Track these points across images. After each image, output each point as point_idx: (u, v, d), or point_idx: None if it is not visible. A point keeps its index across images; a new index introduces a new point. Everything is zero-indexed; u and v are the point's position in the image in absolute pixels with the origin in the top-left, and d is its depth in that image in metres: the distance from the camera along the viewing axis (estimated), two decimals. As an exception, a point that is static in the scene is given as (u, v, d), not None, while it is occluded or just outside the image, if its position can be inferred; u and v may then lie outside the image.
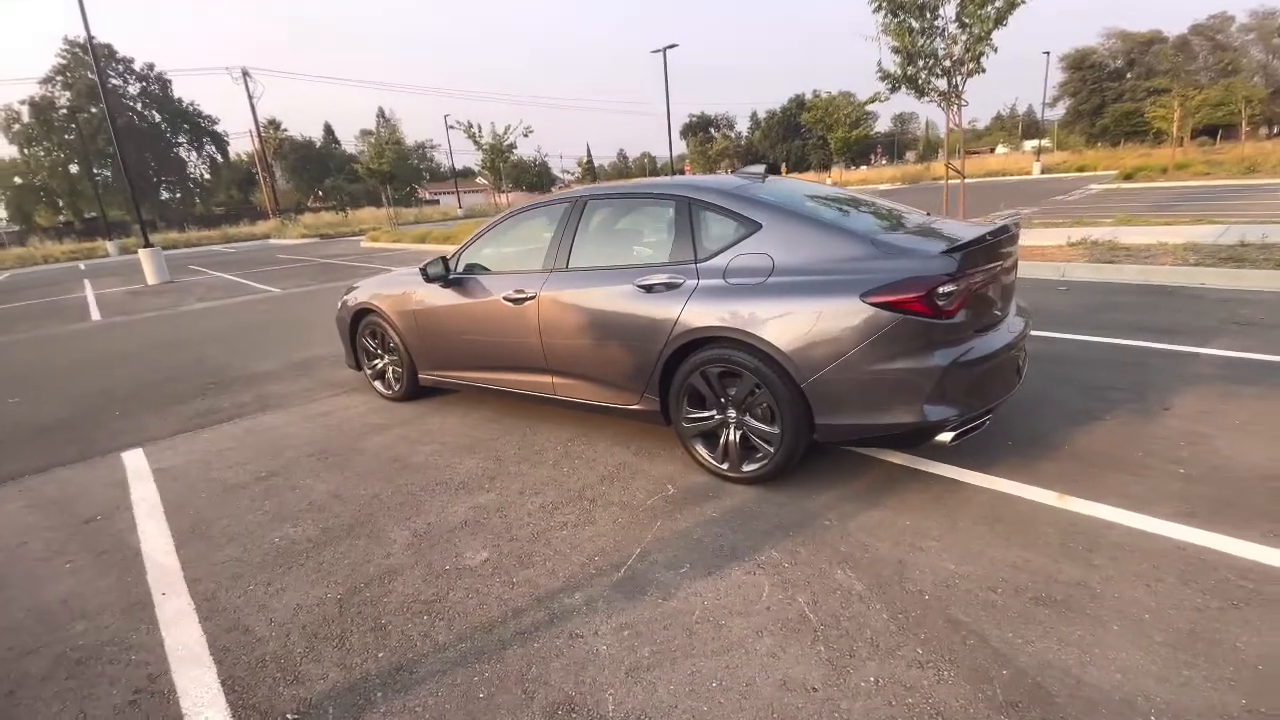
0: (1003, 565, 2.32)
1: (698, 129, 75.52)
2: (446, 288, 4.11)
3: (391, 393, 4.78)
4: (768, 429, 2.93)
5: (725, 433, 3.08)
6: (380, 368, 4.85)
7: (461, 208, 48.15)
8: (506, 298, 3.72)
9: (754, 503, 2.91)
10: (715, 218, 3.15)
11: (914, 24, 9.62)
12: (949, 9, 9.40)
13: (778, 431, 2.89)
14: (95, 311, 11.47)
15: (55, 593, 2.64)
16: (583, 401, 3.61)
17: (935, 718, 1.71)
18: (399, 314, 4.46)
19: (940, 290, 2.55)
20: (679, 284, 3.07)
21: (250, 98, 36.96)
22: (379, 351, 4.83)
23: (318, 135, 67.70)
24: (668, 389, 3.22)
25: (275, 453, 3.96)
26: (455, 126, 26.48)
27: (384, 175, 29.15)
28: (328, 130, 68.96)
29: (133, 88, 56.49)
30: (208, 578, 2.67)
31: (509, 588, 2.43)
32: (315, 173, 63.00)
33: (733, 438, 3.06)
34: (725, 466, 3.10)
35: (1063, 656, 1.88)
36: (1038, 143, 52.21)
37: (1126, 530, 2.47)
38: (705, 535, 2.68)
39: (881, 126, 76.73)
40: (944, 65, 9.79)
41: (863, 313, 2.61)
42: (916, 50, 9.76)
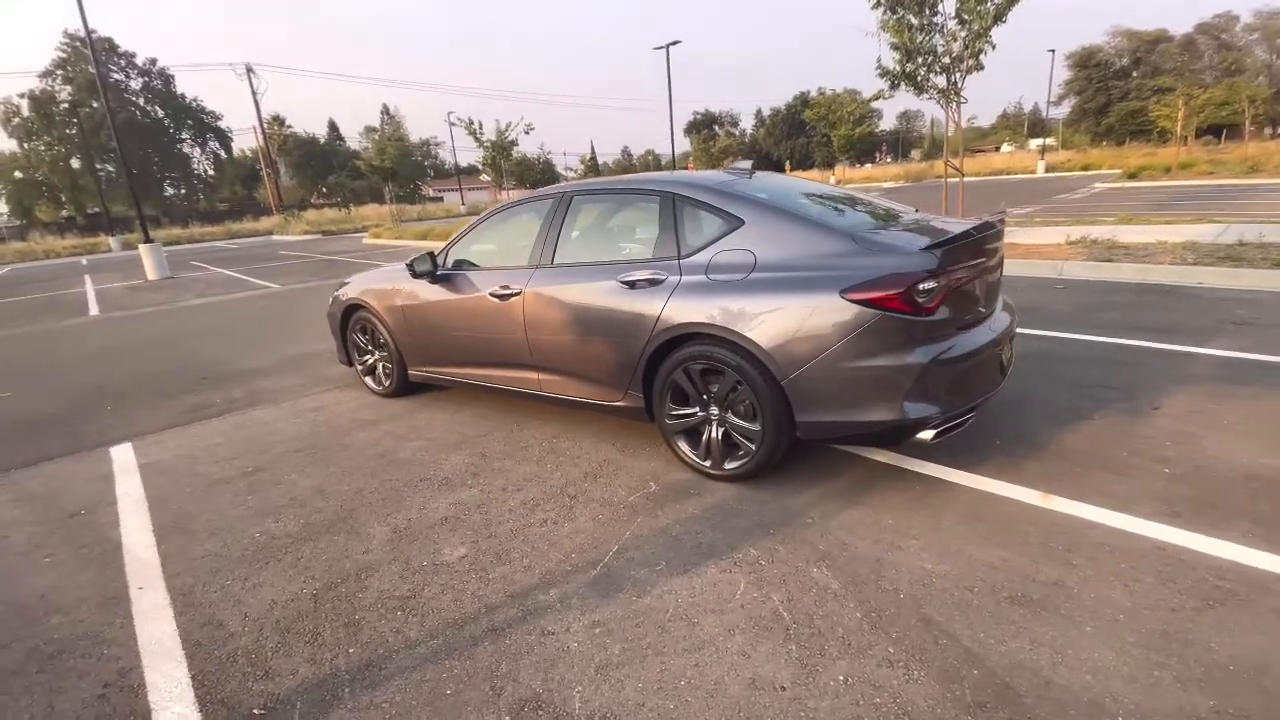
0: (981, 565, 2.31)
1: (702, 126, 75.34)
2: (434, 283, 4.09)
3: (382, 389, 4.78)
4: (750, 426, 2.92)
5: (708, 430, 3.07)
6: (371, 363, 4.84)
7: (464, 205, 48.08)
8: (493, 294, 3.71)
9: (736, 500, 2.90)
10: (699, 213, 3.14)
11: (913, 20, 9.57)
12: (948, 5, 9.37)
13: (759, 429, 2.87)
14: (94, 306, 11.49)
15: (34, 587, 2.64)
16: (568, 398, 3.59)
17: (902, 717, 1.70)
18: (388, 309, 4.45)
19: (920, 287, 2.53)
20: (662, 280, 3.06)
21: (254, 93, 36.96)
22: (369, 347, 4.82)
23: (322, 132, 67.81)
24: (651, 385, 3.21)
25: (263, 448, 3.96)
26: (457, 124, 26.49)
27: (386, 172, 29.23)
28: (332, 127, 69.02)
29: (135, 83, 56.19)
30: (186, 572, 2.66)
31: (484, 584, 2.42)
32: (319, 169, 62.97)
33: (715, 435, 3.04)
34: (708, 464, 3.09)
35: (1034, 657, 1.87)
36: (1043, 141, 51.93)
37: (1108, 530, 2.46)
38: (684, 532, 2.67)
39: (887, 124, 76.57)
40: (943, 62, 9.74)
41: (843, 309, 2.60)
42: (915, 47, 9.71)
